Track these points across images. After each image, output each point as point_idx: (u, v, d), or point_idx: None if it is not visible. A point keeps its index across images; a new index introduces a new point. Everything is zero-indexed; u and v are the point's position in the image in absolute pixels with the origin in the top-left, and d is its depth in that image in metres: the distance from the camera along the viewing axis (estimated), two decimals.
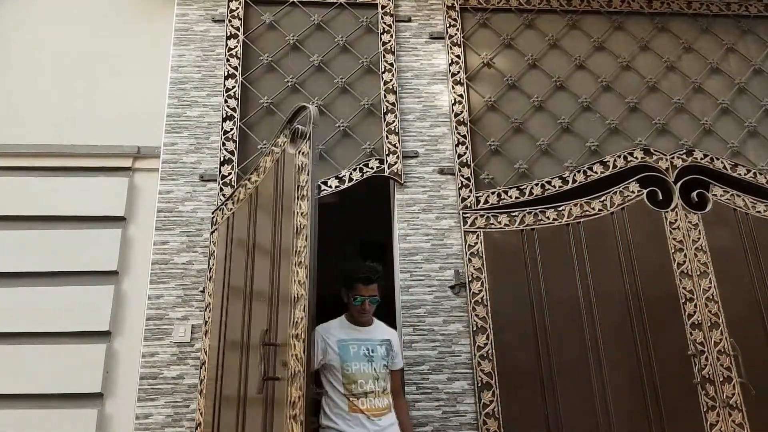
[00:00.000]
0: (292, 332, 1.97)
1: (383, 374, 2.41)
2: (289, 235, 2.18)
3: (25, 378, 2.86)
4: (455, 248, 2.98)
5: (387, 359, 2.44)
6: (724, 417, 2.73)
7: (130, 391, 2.80)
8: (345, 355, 2.39)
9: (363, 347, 2.42)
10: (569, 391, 2.73)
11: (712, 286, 2.94)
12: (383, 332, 2.52)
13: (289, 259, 2.14)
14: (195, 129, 3.12)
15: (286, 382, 1.93)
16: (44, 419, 2.83)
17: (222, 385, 2.49)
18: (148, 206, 3.08)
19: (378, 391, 2.37)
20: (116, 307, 2.99)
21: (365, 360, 2.40)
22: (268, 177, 2.44)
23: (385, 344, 2.46)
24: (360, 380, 2.36)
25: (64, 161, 3.17)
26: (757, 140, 3.39)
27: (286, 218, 2.22)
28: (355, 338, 2.45)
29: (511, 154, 3.20)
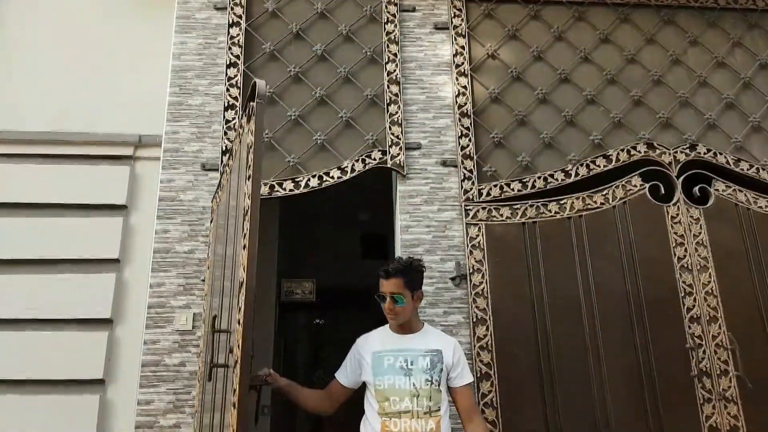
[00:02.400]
0: (237, 317, 1.89)
1: (427, 391, 2.03)
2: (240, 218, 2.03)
3: (28, 364, 2.88)
4: (457, 240, 2.98)
5: (432, 373, 2.06)
6: (719, 409, 2.76)
7: (132, 377, 2.82)
8: (378, 368, 2.11)
9: (400, 358, 2.09)
10: (568, 382, 2.75)
11: (711, 281, 2.95)
12: (433, 341, 2.16)
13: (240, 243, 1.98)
14: (197, 118, 3.10)
15: (231, 369, 1.87)
16: (47, 405, 2.85)
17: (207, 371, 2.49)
18: (150, 195, 3.08)
19: (418, 411, 2.00)
20: (118, 295, 3.01)
21: (401, 373, 2.06)
22: (236, 161, 2.36)
23: (431, 355, 2.10)
24: (393, 397, 2.04)
25: (65, 149, 3.17)
26: (761, 135, 3.38)
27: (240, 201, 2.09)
28: (393, 348, 2.14)
29: (514, 147, 3.20)
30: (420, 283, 2.22)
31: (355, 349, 2.23)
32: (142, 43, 3.39)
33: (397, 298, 2.11)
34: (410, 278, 2.15)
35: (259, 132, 1.98)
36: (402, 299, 2.11)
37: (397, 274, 2.13)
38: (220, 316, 2.29)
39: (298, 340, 5.79)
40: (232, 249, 2.20)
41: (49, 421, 2.83)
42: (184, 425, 2.66)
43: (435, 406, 2.03)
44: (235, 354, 1.84)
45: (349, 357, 2.26)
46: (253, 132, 1.99)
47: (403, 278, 2.12)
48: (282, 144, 3.07)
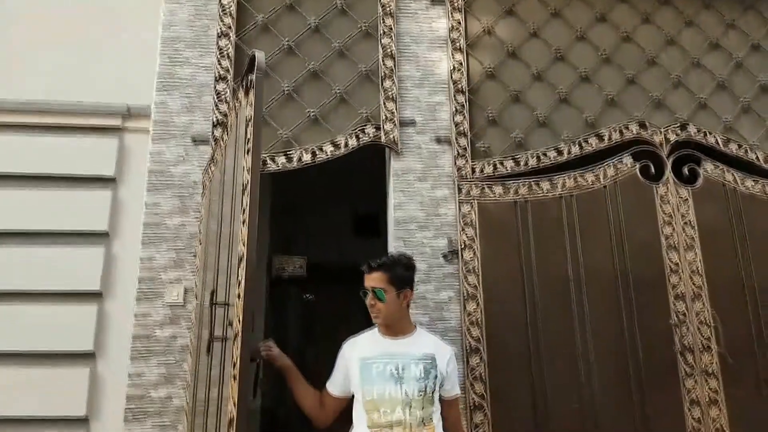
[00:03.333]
0: (236, 292, 1.88)
1: (419, 401, 1.87)
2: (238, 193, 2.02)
3: (16, 336, 2.86)
4: (449, 217, 2.99)
5: (426, 382, 1.90)
6: (701, 383, 2.85)
7: (123, 350, 2.80)
8: (366, 376, 1.93)
9: (390, 365, 1.92)
10: (555, 356, 2.81)
11: (697, 259, 3.01)
12: (426, 345, 2.00)
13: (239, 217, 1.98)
14: (187, 89, 3.04)
15: (231, 341, 1.87)
16: (36, 377, 2.84)
17: (201, 344, 2.50)
18: (139, 168, 3.02)
19: (411, 422, 1.84)
20: (107, 268, 2.98)
21: (392, 381, 1.89)
22: (232, 135, 2.33)
23: (424, 362, 1.93)
24: (383, 408, 1.87)
25: (51, 119, 3.08)
26: (750, 116, 3.42)
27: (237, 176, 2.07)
28: (382, 354, 1.97)
29: (508, 124, 3.19)
30: (408, 281, 2.05)
31: (341, 355, 2.07)
32: (131, 12, 3.29)
33: (379, 293, 1.97)
34: (395, 274, 2.01)
35: (258, 105, 1.94)
36: (383, 295, 1.97)
37: (381, 268, 2.01)
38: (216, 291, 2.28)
39: (289, 316, 5.81)
40: (228, 223, 2.17)
41: (39, 394, 2.82)
42: (176, 398, 2.67)
43: (428, 417, 1.88)
44: (235, 327, 1.83)
45: (337, 364, 2.10)
46: (252, 105, 1.95)
47: (387, 273, 1.99)
48: (275, 118, 3.03)
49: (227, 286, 2.07)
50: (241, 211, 1.92)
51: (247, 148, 1.95)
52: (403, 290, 2.02)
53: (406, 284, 2.04)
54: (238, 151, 2.11)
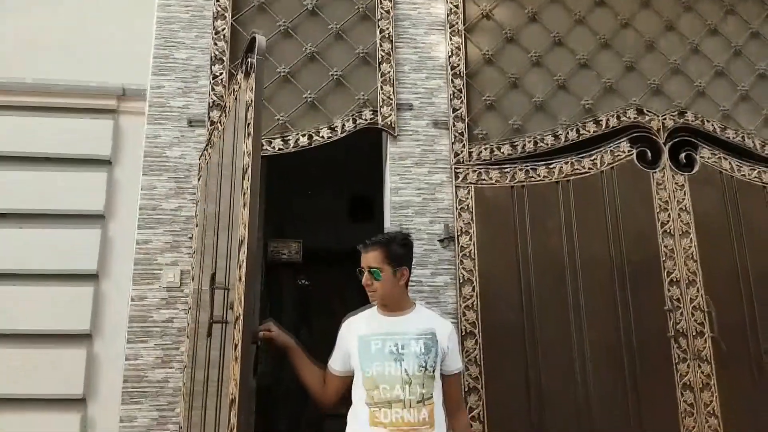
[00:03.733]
0: (236, 275, 1.90)
1: (419, 378, 1.85)
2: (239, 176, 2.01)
3: (12, 317, 2.87)
4: (446, 203, 2.99)
5: (426, 358, 1.87)
6: (693, 369, 2.87)
7: (119, 332, 2.82)
8: (364, 353, 1.91)
9: (389, 342, 1.90)
10: (549, 340, 2.83)
11: (692, 246, 3.02)
12: (426, 322, 1.96)
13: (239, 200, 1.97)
14: (183, 72, 3.02)
15: (232, 324, 1.88)
16: (33, 358, 2.87)
17: (198, 327, 2.52)
18: (135, 150, 3.01)
19: (411, 399, 1.82)
20: (103, 250, 2.99)
21: (391, 359, 1.87)
22: (231, 117, 2.32)
23: (424, 338, 1.91)
24: (383, 385, 1.85)
25: (46, 99, 3.08)
26: (748, 104, 3.42)
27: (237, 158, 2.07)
28: (381, 332, 1.94)
29: (506, 110, 3.18)
30: (405, 259, 2.01)
31: (341, 333, 2.05)
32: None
33: (374, 272, 1.94)
34: (391, 252, 1.96)
35: (259, 89, 1.93)
36: (379, 273, 1.93)
37: (377, 246, 1.96)
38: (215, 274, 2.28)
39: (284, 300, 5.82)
40: (227, 206, 2.17)
41: (37, 374, 2.84)
42: (173, 379, 2.69)
43: (428, 393, 1.85)
44: (236, 310, 1.84)
45: (337, 342, 2.07)
46: (252, 89, 1.93)
47: (383, 251, 1.95)
48: (271, 101, 3.01)
49: (227, 269, 2.07)
50: (242, 194, 1.92)
51: (248, 131, 1.94)
52: (400, 268, 1.97)
53: (403, 262, 1.99)
54: (238, 135, 2.11)
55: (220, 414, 1.95)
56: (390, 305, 2.00)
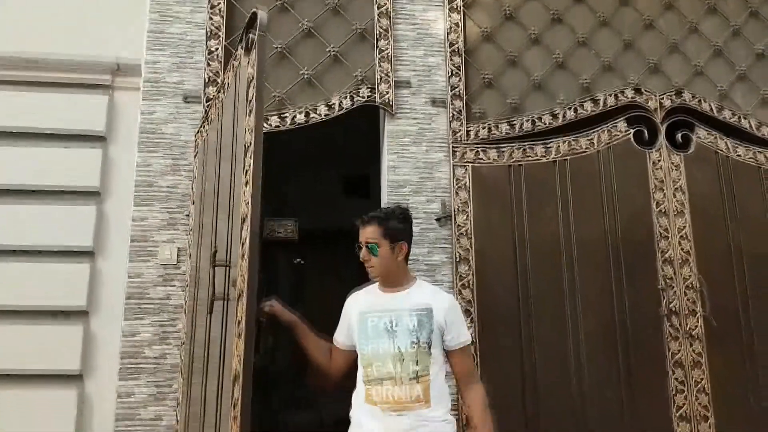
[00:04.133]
0: (240, 252, 1.89)
1: (412, 354, 1.81)
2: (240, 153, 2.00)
3: (9, 294, 2.86)
4: (443, 181, 2.99)
5: (419, 334, 1.83)
6: (685, 346, 2.91)
7: (116, 309, 2.82)
8: (362, 330, 1.91)
9: (385, 319, 1.87)
10: (544, 318, 2.86)
11: (686, 225, 3.04)
12: (423, 297, 1.92)
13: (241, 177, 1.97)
14: (178, 46, 2.98)
15: (234, 301, 1.89)
16: (28, 334, 2.85)
17: (197, 304, 2.52)
18: (130, 126, 2.98)
19: (402, 376, 1.79)
20: (99, 227, 2.97)
21: (385, 336, 1.84)
22: (230, 94, 2.30)
23: (418, 314, 1.86)
24: (376, 362, 1.84)
25: (38, 73, 3.02)
26: (745, 85, 3.43)
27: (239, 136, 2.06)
28: (378, 308, 1.92)
29: (504, 88, 3.17)
30: (404, 234, 1.97)
31: (345, 307, 2.05)
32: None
33: (372, 247, 1.90)
34: (389, 227, 1.93)
35: (261, 66, 1.90)
36: (376, 248, 1.90)
37: (374, 221, 1.93)
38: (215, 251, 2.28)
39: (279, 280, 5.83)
40: (227, 184, 2.16)
41: (34, 349, 2.83)
42: (170, 356, 2.70)
43: (423, 370, 1.81)
44: (239, 287, 1.84)
45: (342, 316, 2.08)
46: (254, 65, 1.91)
47: (381, 226, 1.92)
48: (267, 78, 2.94)
49: (228, 246, 2.07)
50: (243, 172, 1.91)
51: (249, 108, 1.93)
52: (398, 243, 1.94)
53: (401, 237, 1.95)
54: (239, 111, 2.09)
55: (222, 389, 1.97)
56: (389, 281, 1.96)
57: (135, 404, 2.65)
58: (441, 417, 1.82)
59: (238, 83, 2.16)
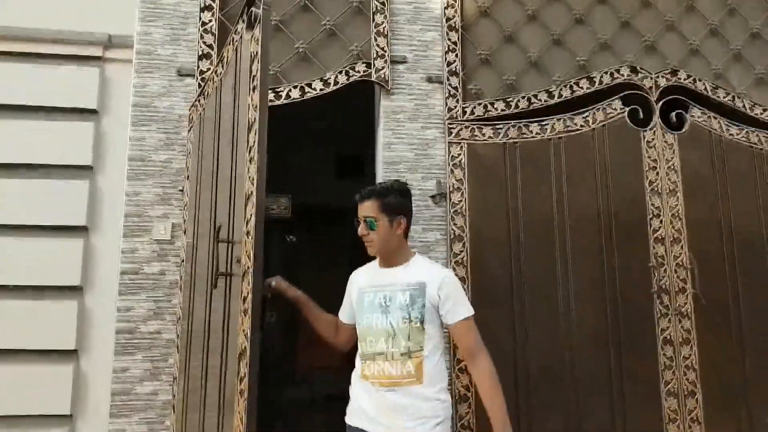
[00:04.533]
0: (244, 229, 1.93)
1: (404, 331, 1.80)
2: (243, 130, 2.03)
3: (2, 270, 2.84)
4: (438, 159, 2.99)
5: (410, 310, 1.82)
6: (674, 323, 2.95)
7: (111, 285, 2.82)
8: (359, 306, 1.93)
9: (380, 295, 1.88)
10: (537, 296, 2.89)
11: (678, 204, 3.07)
12: (417, 273, 1.89)
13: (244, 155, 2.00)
14: (171, 19, 2.92)
15: (240, 278, 1.92)
16: (23, 311, 2.85)
17: (195, 281, 2.53)
18: (122, 100, 2.95)
19: (393, 352, 1.79)
20: (92, 203, 2.95)
21: (379, 311, 1.85)
22: (230, 69, 2.29)
23: (411, 289, 1.84)
24: (370, 338, 1.86)
25: (26, 46, 2.96)
26: (740, 64, 3.43)
27: (242, 112, 2.08)
28: (374, 284, 1.93)
29: (500, 65, 3.15)
30: (402, 208, 1.95)
31: (347, 285, 2.07)
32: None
33: (370, 222, 1.89)
34: (388, 201, 1.91)
35: (266, 42, 1.91)
36: (374, 223, 1.88)
37: (372, 196, 1.92)
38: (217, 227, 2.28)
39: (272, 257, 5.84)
40: (228, 160, 2.16)
41: (28, 326, 2.83)
42: (165, 331, 2.71)
43: (416, 346, 1.79)
44: (244, 263, 1.86)
45: (346, 293, 2.11)
46: (258, 41, 1.90)
47: (379, 201, 1.90)
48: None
49: (230, 223, 2.08)
50: (247, 149, 1.92)
51: (253, 85, 1.92)
52: (397, 218, 1.93)
53: (400, 212, 1.94)
54: (241, 88, 2.08)
55: (226, 365, 2.00)
56: (388, 257, 1.95)
57: (131, 380, 2.66)
58: (433, 395, 1.79)
59: (240, 58, 2.15)
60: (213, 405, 2.11)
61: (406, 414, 1.74)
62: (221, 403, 2.03)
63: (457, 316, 1.86)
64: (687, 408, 2.89)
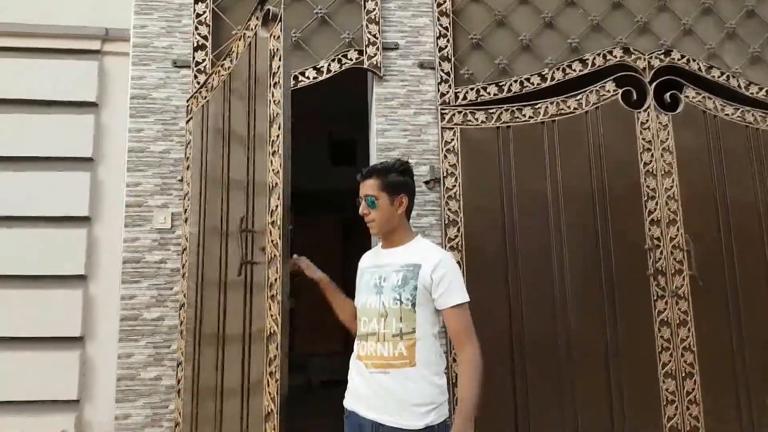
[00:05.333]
0: (268, 219, 2.01)
1: (396, 312, 1.75)
2: (263, 123, 2.12)
3: (9, 260, 2.91)
4: (432, 144, 3.02)
5: (402, 291, 1.76)
6: (671, 305, 2.96)
7: (113, 274, 2.88)
8: (358, 286, 1.93)
9: (377, 275, 1.85)
10: (532, 279, 2.91)
11: (674, 185, 3.06)
12: (414, 255, 1.83)
13: (264, 148, 2.10)
14: (165, 11, 2.98)
15: (265, 265, 2.01)
16: (31, 300, 2.92)
17: (204, 269, 2.59)
18: (121, 92, 3.00)
19: (385, 333, 1.75)
20: (94, 194, 3.01)
21: (374, 292, 1.82)
22: (242, 63, 2.37)
23: (405, 270, 1.79)
24: (364, 318, 1.84)
25: (26, 41, 3.03)
26: (734, 43, 3.40)
27: (260, 106, 2.17)
28: (374, 264, 1.91)
29: (492, 49, 3.17)
30: (403, 187, 1.89)
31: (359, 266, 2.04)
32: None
33: (369, 200, 1.85)
34: (389, 180, 1.86)
35: (287, 39, 2.06)
36: (374, 202, 1.84)
37: (372, 174, 1.88)
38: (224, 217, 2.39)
39: None
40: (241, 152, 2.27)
41: (35, 315, 2.90)
42: (168, 318, 2.78)
43: (408, 328, 1.74)
44: (270, 251, 1.97)
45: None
46: (278, 37, 2.05)
47: (379, 179, 1.85)
48: None
49: (248, 213, 2.18)
50: (269, 142, 2.04)
51: (274, 81, 2.05)
52: (398, 196, 1.87)
53: (401, 190, 1.88)
54: (257, 82, 2.20)
55: (250, 349, 2.09)
56: (389, 237, 1.90)
57: (135, 365, 2.74)
58: (426, 378, 1.73)
59: (254, 54, 2.25)
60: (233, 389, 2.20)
61: (398, 397, 1.70)
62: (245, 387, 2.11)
63: (448, 301, 1.77)
64: (685, 389, 2.90)
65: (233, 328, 2.25)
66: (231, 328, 2.28)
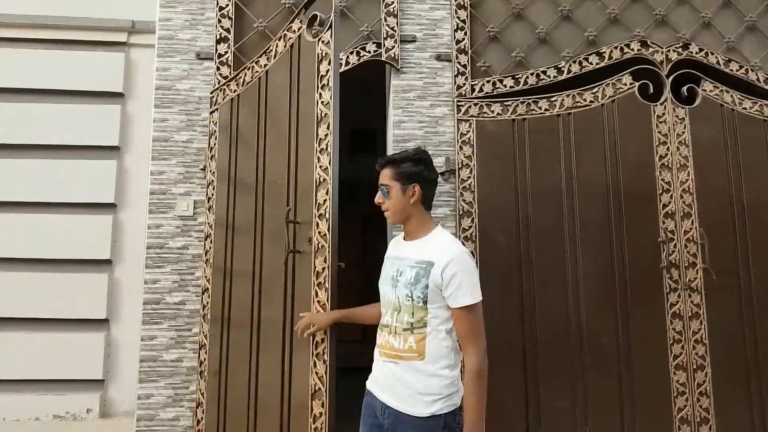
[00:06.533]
0: (315, 212, 2.16)
1: (408, 307, 1.76)
2: (306, 122, 2.27)
3: (39, 244, 3.04)
4: (447, 136, 3.05)
5: (413, 288, 1.75)
6: (684, 298, 2.96)
7: (138, 258, 2.98)
8: (381, 275, 1.92)
9: (394, 268, 1.85)
10: (545, 271, 2.93)
11: (689, 179, 3.06)
12: (430, 251, 1.78)
13: (312, 144, 2.23)
14: (190, 4, 3.05)
15: (312, 255, 2.15)
16: (57, 282, 3.04)
17: (233, 259, 2.67)
18: (146, 83, 3.09)
19: (397, 326, 1.78)
20: (120, 181, 3.11)
21: (390, 284, 1.84)
22: (281, 62, 2.49)
23: (419, 267, 1.77)
24: (382, 309, 1.88)
25: (56, 33, 3.13)
26: (754, 36, 3.37)
27: (304, 105, 2.30)
28: (394, 255, 1.90)
29: (509, 42, 3.19)
30: (417, 176, 1.83)
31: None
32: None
33: (383, 188, 1.85)
34: (403, 168, 1.83)
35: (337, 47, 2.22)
36: (386, 191, 1.84)
37: (388, 163, 1.86)
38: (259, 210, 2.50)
39: None
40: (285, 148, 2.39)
41: (62, 296, 3.02)
42: (189, 302, 2.87)
43: (419, 323, 1.75)
44: (317, 242, 2.13)
45: None
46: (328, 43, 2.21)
47: (393, 169, 1.84)
48: (274, 33, 3.04)
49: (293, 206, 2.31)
50: (317, 140, 2.20)
51: (322, 83, 2.21)
52: (411, 185, 1.83)
53: (414, 179, 1.84)
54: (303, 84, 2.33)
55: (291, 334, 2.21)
56: (407, 227, 1.89)
57: (158, 347, 2.83)
58: (434, 371, 1.73)
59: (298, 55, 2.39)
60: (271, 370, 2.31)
61: (406, 386, 1.74)
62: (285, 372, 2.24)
63: (457, 302, 1.73)
64: (696, 381, 2.92)
65: (270, 313, 2.36)
66: (267, 313, 2.39)
